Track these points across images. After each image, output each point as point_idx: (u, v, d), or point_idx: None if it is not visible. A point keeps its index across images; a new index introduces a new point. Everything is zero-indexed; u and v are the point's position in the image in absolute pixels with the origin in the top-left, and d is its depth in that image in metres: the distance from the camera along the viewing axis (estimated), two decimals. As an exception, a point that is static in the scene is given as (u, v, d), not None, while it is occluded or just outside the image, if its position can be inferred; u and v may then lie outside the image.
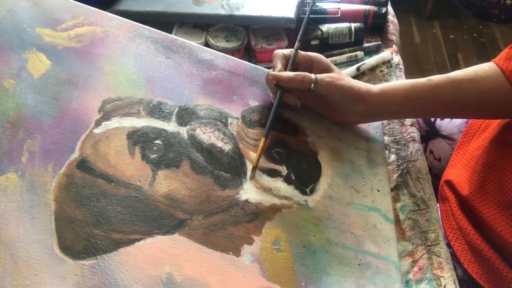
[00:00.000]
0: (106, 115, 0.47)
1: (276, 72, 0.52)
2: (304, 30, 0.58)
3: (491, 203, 0.57)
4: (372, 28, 0.78)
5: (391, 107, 0.54)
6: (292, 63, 0.54)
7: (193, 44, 0.57)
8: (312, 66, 0.54)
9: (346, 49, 0.73)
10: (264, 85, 0.56)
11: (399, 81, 0.55)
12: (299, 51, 0.54)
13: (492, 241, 0.57)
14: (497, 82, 0.53)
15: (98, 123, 0.46)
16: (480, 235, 0.58)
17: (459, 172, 0.63)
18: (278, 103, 0.52)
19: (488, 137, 0.61)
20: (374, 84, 0.55)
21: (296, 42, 0.55)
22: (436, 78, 0.54)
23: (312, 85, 0.51)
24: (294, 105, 0.53)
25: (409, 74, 0.70)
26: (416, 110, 0.55)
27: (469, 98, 0.54)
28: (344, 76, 0.53)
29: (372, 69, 0.72)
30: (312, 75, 0.52)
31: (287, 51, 0.54)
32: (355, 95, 0.52)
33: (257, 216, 0.46)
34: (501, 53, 0.55)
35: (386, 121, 0.63)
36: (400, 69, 0.72)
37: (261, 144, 0.49)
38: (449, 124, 0.75)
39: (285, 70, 0.53)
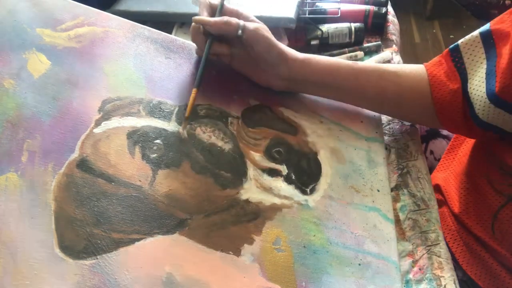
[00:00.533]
0: (106, 115, 0.47)
1: (201, 17, 0.50)
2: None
3: (478, 221, 0.57)
4: (372, 28, 0.78)
5: (312, 77, 0.54)
6: (219, 12, 0.52)
7: (193, 44, 0.57)
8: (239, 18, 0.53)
9: (346, 49, 0.73)
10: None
11: (326, 56, 0.55)
12: (225, 5, 0.53)
13: (486, 246, 0.57)
14: (419, 82, 0.54)
15: (98, 123, 0.46)
16: (475, 240, 0.58)
17: (448, 178, 0.64)
18: (208, 52, 0.51)
19: (472, 142, 0.61)
20: None
21: None
22: (362, 63, 0.55)
23: (240, 31, 0.50)
24: (226, 53, 0.52)
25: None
26: (336, 87, 0.55)
27: (388, 90, 0.54)
28: (270, 32, 0.52)
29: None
30: (240, 21, 0.50)
31: (214, 1, 0.53)
32: (279, 54, 0.52)
33: (258, 215, 0.46)
34: (433, 59, 0.56)
35: (386, 121, 0.63)
36: (400, 69, 0.72)
37: (192, 94, 0.48)
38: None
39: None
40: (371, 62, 0.56)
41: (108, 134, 0.46)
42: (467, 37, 0.52)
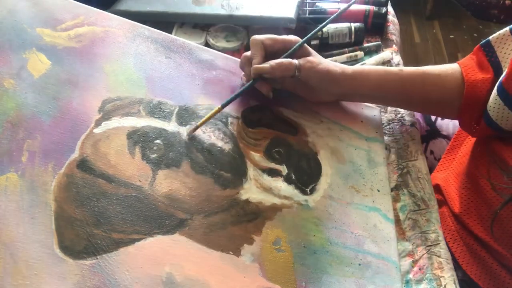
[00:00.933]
0: (106, 115, 0.47)
1: (258, 65, 0.51)
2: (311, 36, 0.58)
3: (479, 221, 0.57)
4: (372, 28, 0.78)
5: (362, 90, 0.56)
6: (290, 55, 0.53)
7: (193, 44, 0.57)
8: (286, 47, 0.54)
9: (346, 49, 0.73)
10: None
11: (373, 67, 0.57)
12: (274, 36, 0.54)
13: (486, 246, 0.57)
14: (459, 81, 0.55)
15: (98, 123, 0.46)
16: (475, 240, 0.58)
17: (448, 179, 0.64)
18: (248, 87, 0.52)
19: (472, 142, 0.61)
20: None
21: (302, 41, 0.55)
22: (407, 69, 0.56)
23: (296, 71, 0.52)
24: (267, 95, 0.54)
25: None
26: (385, 97, 0.58)
27: (433, 93, 0.56)
28: (320, 59, 0.54)
29: (372, 69, 0.72)
30: (295, 61, 0.52)
31: (265, 39, 0.53)
32: (332, 78, 0.53)
33: (258, 215, 0.46)
34: (465, 57, 0.58)
35: (386, 121, 0.63)
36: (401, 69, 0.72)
37: (214, 110, 0.49)
38: (449, 124, 0.76)
39: (264, 60, 0.52)
40: (417, 68, 0.57)
41: (108, 134, 0.46)
42: (497, 33, 0.54)
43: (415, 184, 0.57)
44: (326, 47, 0.74)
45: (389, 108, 0.65)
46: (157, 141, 0.47)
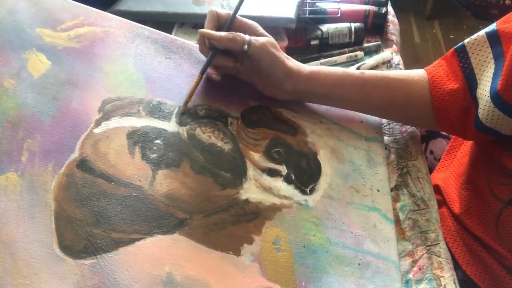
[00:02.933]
0: (106, 115, 0.47)
1: (207, 30, 0.49)
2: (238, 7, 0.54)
3: (480, 222, 0.57)
4: (372, 28, 0.78)
5: (317, 90, 0.54)
6: (228, 26, 0.51)
7: (193, 44, 0.57)
8: (246, 33, 0.52)
9: (346, 49, 0.73)
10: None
11: (332, 68, 0.55)
12: (237, 16, 0.52)
13: (487, 246, 0.57)
14: (425, 89, 0.54)
15: (98, 123, 0.46)
16: (476, 240, 0.58)
17: (447, 179, 0.64)
18: (208, 63, 0.50)
19: (472, 143, 0.61)
20: None
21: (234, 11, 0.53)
22: (369, 72, 0.54)
23: (246, 46, 0.49)
24: (230, 66, 0.52)
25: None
26: (343, 98, 0.55)
27: (397, 99, 0.54)
28: (279, 48, 0.52)
29: (372, 69, 0.72)
30: (246, 36, 0.50)
31: (223, 12, 0.52)
32: (285, 71, 0.52)
33: (257, 215, 0.46)
34: (434, 62, 0.56)
35: (386, 121, 0.63)
36: (400, 69, 0.72)
37: (195, 80, 0.49)
38: (449, 124, 0.75)
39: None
40: (378, 70, 0.55)
41: (108, 134, 0.46)
42: (473, 37, 0.51)
43: (415, 184, 0.57)
44: (326, 47, 0.74)
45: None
46: (157, 141, 0.47)
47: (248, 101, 0.55)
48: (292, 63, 0.53)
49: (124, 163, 0.45)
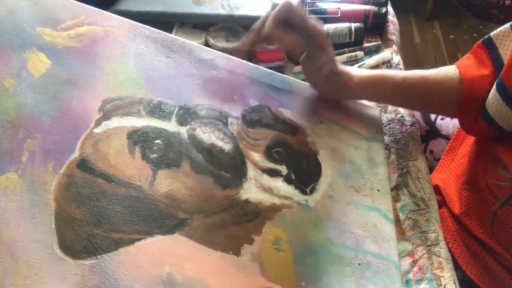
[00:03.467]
0: (106, 115, 0.47)
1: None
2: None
3: (479, 222, 0.57)
4: (372, 28, 0.78)
5: (363, 96, 0.58)
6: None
7: (193, 44, 0.57)
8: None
9: (346, 49, 0.73)
10: (265, 85, 0.56)
11: (376, 72, 0.57)
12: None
13: (486, 246, 0.57)
14: (458, 83, 0.55)
15: (98, 123, 0.46)
16: (475, 241, 0.58)
17: (447, 179, 0.64)
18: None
19: (471, 143, 0.61)
20: None
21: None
22: (411, 78, 0.56)
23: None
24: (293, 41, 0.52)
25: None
26: (385, 101, 0.61)
27: (435, 97, 0.57)
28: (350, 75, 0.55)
29: (372, 69, 0.72)
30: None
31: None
32: (347, 89, 0.55)
33: (257, 215, 0.46)
34: (461, 58, 0.58)
35: (386, 121, 0.63)
36: (400, 69, 0.72)
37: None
38: (449, 124, 0.76)
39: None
40: (417, 71, 0.58)
41: (108, 134, 0.46)
42: (498, 29, 0.54)
43: (415, 184, 0.57)
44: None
45: (389, 108, 0.65)
46: (157, 141, 0.47)
47: (249, 100, 0.55)
48: (347, 74, 0.55)
49: (124, 163, 0.45)
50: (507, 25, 0.53)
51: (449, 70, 0.56)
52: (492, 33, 0.54)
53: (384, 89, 0.56)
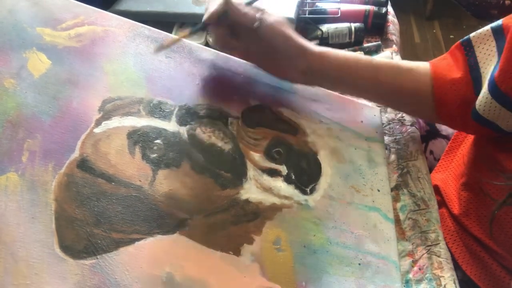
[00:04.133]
0: (106, 115, 0.47)
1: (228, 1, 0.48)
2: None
3: (478, 223, 0.57)
4: (372, 28, 0.78)
5: (330, 71, 0.53)
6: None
7: (193, 44, 0.57)
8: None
9: (346, 49, 0.73)
10: (265, 85, 0.56)
11: (342, 50, 0.55)
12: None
13: (486, 246, 0.57)
14: (428, 80, 0.54)
15: (98, 123, 0.46)
16: (475, 241, 0.58)
17: (446, 180, 0.64)
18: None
19: (471, 143, 0.61)
20: None
21: None
22: (378, 58, 0.55)
23: (257, 23, 0.49)
24: (236, 46, 0.52)
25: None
26: (353, 83, 0.55)
27: (405, 85, 0.54)
28: (290, 26, 0.52)
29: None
30: (258, 13, 0.49)
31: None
32: (298, 48, 0.51)
33: (257, 215, 0.46)
34: (438, 57, 0.57)
35: (386, 121, 0.63)
36: (400, 69, 0.72)
37: (182, 34, 0.48)
38: (449, 124, 0.76)
39: None
40: (386, 59, 0.56)
41: (109, 134, 0.46)
42: (479, 31, 0.52)
43: (415, 184, 0.57)
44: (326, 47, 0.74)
45: (389, 108, 0.65)
46: (157, 141, 0.47)
47: (249, 100, 0.55)
48: (304, 41, 0.52)
49: (125, 163, 0.45)
50: (488, 27, 0.51)
51: (421, 63, 0.56)
52: (471, 35, 0.53)
53: (355, 62, 0.53)
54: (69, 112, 0.46)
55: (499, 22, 0.51)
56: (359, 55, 0.55)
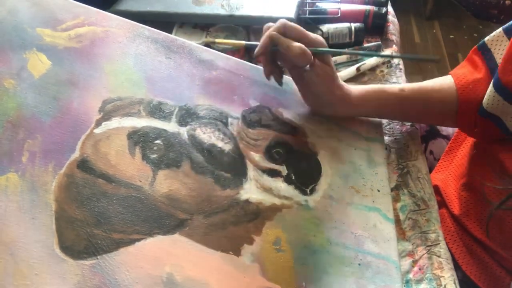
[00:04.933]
0: (106, 115, 0.47)
1: (282, 37, 0.47)
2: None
3: (478, 223, 0.57)
4: (372, 28, 0.78)
5: (361, 113, 0.57)
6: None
7: (193, 44, 0.57)
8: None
9: (347, 49, 0.73)
10: (265, 85, 0.56)
11: (375, 90, 0.56)
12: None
13: (486, 247, 0.57)
14: (455, 92, 0.55)
15: (98, 123, 0.46)
16: (475, 241, 0.58)
17: (446, 180, 0.64)
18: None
19: (471, 144, 0.61)
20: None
21: None
22: (408, 89, 0.56)
23: (309, 65, 0.49)
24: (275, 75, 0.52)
25: (409, 74, 0.70)
26: (383, 117, 0.59)
27: (434, 108, 0.56)
28: (337, 75, 0.53)
29: (372, 69, 0.72)
30: (311, 55, 0.49)
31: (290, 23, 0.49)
32: (340, 97, 0.53)
33: (258, 216, 0.46)
34: (457, 66, 0.58)
35: (386, 121, 0.63)
36: (400, 69, 0.72)
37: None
38: (449, 124, 0.76)
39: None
40: (415, 83, 0.58)
41: (109, 134, 0.46)
42: (492, 34, 0.54)
43: (415, 184, 0.57)
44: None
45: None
46: (157, 141, 0.47)
47: (249, 101, 0.55)
48: (345, 90, 0.53)
49: (125, 164, 0.45)
50: (500, 29, 0.53)
51: (444, 80, 0.56)
52: (486, 39, 0.54)
53: (385, 100, 0.55)
54: (69, 113, 0.46)
55: (510, 23, 0.52)
56: (392, 90, 0.56)
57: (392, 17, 0.83)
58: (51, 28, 0.50)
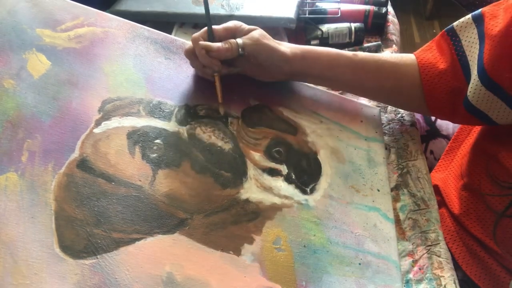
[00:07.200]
0: (106, 115, 0.47)
1: (206, 43, 0.49)
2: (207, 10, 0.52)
3: (478, 223, 0.57)
4: (372, 28, 0.78)
5: (312, 71, 0.55)
6: (211, 40, 0.51)
7: (193, 44, 0.57)
8: (236, 36, 0.52)
9: (346, 49, 0.73)
10: (265, 84, 0.56)
11: (325, 48, 0.56)
12: (214, 26, 0.52)
13: (486, 247, 0.57)
14: (415, 72, 0.55)
15: (98, 123, 0.46)
16: (475, 241, 0.58)
17: (446, 180, 0.64)
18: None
19: (470, 144, 0.61)
20: None
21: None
22: (361, 54, 0.56)
23: (240, 49, 0.50)
24: (234, 71, 0.53)
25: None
26: (337, 79, 0.57)
27: (387, 82, 0.56)
28: (269, 37, 0.53)
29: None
30: (238, 40, 0.51)
31: (203, 33, 0.51)
32: (281, 58, 0.53)
33: (258, 215, 0.46)
34: (422, 47, 0.58)
35: (386, 121, 0.63)
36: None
37: (216, 78, 0.51)
38: (449, 124, 0.76)
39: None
40: (370, 53, 0.57)
41: (108, 134, 0.46)
42: (460, 20, 0.54)
43: (415, 184, 0.57)
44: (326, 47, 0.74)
45: (389, 108, 0.65)
46: (157, 140, 0.47)
47: (249, 100, 0.55)
48: (285, 47, 0.54)
49: (124, 163, 0.45)
50: (469, 16, 0.53)
51: (404, 56, 0.56)
52: (455, 24, 0.54)
53: (337, 61, 0.55)
54: (69, 113, 0.46)
55: (479, 10, 0.52)
56: (342, 52, 0.56)
57: (392, 17, 0.83)
58: (51, 28, 0.51)
